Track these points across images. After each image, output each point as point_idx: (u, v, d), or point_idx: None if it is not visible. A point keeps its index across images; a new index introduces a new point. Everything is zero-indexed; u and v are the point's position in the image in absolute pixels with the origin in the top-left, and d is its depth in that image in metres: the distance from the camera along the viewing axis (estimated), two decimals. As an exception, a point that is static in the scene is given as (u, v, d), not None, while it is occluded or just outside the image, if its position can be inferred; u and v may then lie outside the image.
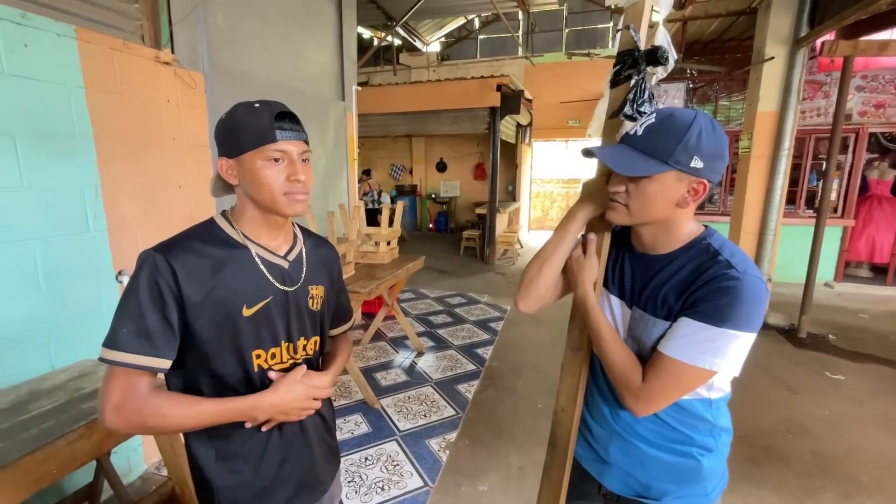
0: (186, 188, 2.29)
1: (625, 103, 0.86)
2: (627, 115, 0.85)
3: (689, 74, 6.50)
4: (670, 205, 0.81)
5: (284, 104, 0.81)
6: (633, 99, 0.85)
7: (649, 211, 0.82)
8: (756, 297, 0.75)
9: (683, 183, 0.79)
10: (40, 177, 1.68)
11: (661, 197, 0.80)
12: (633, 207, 0.82)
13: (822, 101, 5.45)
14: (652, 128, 0.79)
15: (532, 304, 1.01)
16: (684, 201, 0.81)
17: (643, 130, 0.80)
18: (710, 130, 0.78)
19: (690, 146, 0.76)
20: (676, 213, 0.83)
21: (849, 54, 3.45)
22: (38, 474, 1.11)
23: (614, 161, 0.81)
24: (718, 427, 0.90)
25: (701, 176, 0.78)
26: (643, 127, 0.80)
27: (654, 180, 0.79)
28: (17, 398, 1.37)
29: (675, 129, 0.77)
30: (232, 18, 2.63)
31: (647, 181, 0.79)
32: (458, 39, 10.53)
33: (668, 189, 0.79)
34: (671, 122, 0.78)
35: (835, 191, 5.32)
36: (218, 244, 0.83)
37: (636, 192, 0.81)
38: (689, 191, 0.80)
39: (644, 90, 0.86)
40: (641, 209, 0.82)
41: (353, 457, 2.29)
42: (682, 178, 0.79)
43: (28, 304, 1.68)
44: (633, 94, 0.86)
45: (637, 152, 0.80)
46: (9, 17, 1.56)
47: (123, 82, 1.96)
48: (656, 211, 0.82)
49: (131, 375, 0.74)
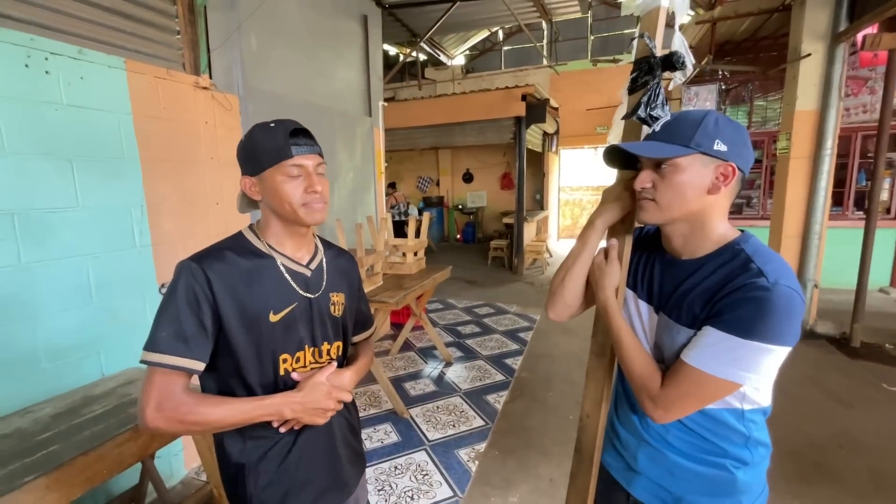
0: (223, 204, 2.41)
1: (639, 106, 0.87)
2: (641, 117, 0.86)
3: (721, 76, 6.31)
4: (700, 193, 0.80)
5: (298, 122, 0.87)
6: (647, 102, 0.86)
7: (679, 202, 0.80)
8: (787, 309, 0.71)
9: (710, 168, 0.79)
10: (93, 197, 1.82)
11: (689, 184, 0.79)
12: (663, 200, 0.81)
13: (867, 97, 5.16)
14: (668, 123, 0.83)
15: (561, 312, 1.02)
16: (715, 187, 0.79)
17: (661, 127, 0.83)
18: (726, 120, 0.80)
19: (709, 130, 0.77)
20: (708, 204, 0.81)
21: (893, 47, 3.27)
22: (90, 473, 1.19)
23: (637, 148, 0.82)
24: (754, 439, 0.85)
25: (728, 159, 0.78)
26: (660, 125, 0.83)
27: (680, 168, 0.78)
28: (72, 403, 1.47)
29: (691, 118, 0.80)
30: (264, 43, 2.78)
31: (672, 170, 0.79)
32: (482, 52, 10.64)
33: (695, 176, 0.79)
34: (685, 115, 0.82)
35: (886, 190, 5.01)
36: (246, 255, 0.88)
37: (663, 185, 0.80)
38: (718, 176, 0.79)
39: (658, 94, 0.86)
40: (671, 201, 0.80)
41: (383, 465, 2.31)
42: (707, 164, 0.78)
43: (82, 315, 1.80)
44: (647, 97, 0.86)
45: (658, 141, 0.82)
46: (67, 53, 1.71)
47: (166, 107, 2.10)
48: (687, 201, 0.80)
49: (169, 376, 0.79)
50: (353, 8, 3.79)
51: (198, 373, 0.82)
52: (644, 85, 0.89)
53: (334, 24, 3.57)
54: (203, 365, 0.82)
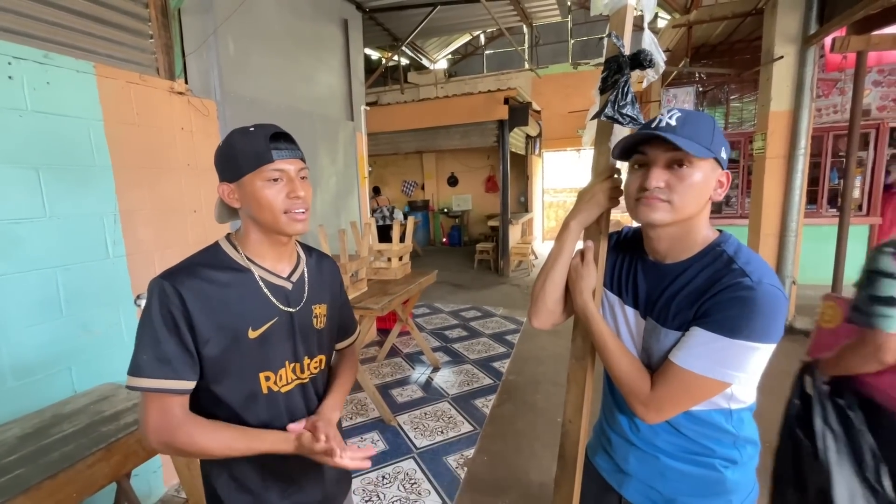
0: (201, 212, 2.35)
1: (606, 104, 0.86)
2: (609, 115, 0.86)
3: (699, 78, 6.45)
4: (706, 197, 0.80)
5: (279, 126, 0.83)
6: (615, 100, 0.86)
7: (692, 203, 0.78)
8: (772, 307, 0.72)
9: (716, 174, 0.79)
10: (62, 206, 1.75)
11: (702, 187, 0.78)
12: (678, 201, 0.78)
13: (837, 98, 5.33)
14: (683, 119, 0.77)
15: (544, 319, 1.00)
16: (716, 194, 0.80)
17: (675, 121, 0.77)
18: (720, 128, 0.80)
19: (718, 138, 0.78)
20: (703, 210, 0.82)
21: (861, 49, 3.37)
22: (60, 497, 1.13)
23: (679, 140, 0.74)
24: (742, 438, 0.86)
25: (726, 168, 0.79)
26: (673, 118, 0.77)
27: (698, 169, 0.77)
28: (40, 423, 1.40)
29: (704, 120, 0.78)
30: (242, 47, 2.73)
31: (689, 170, 0.77)
32: (464, 56, 10.70)
33: (708, 179, 0.78)
34: (698, 115, 0.79)
35: (858, 188, 5.16)
36: (222, 269, 0.84)
37: (680, 185, 0.77)
38: (718, 182, 0.80)
39: (627, 93, 0.86)
40: (686, 202, 0.78)
41: (371, 475, 2.27)
42: (715, 169, 0.79)
43: (50, 329, 1.73)
44: (614, 95, 0.86)
45: (685, 138, 0.75)
46: (32, 58, 1.65)
47: (140, 113, 2.04)
48: (698, 203, 0.79)
49: (163, 399, 0.77)
50: (333, 12, 3.76)
51: (188, 392, 0.79)
52: (614, 84, 0.90)
53: (315, 28, 3.53)
54: (192, 384, 0.79)
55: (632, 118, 0.87)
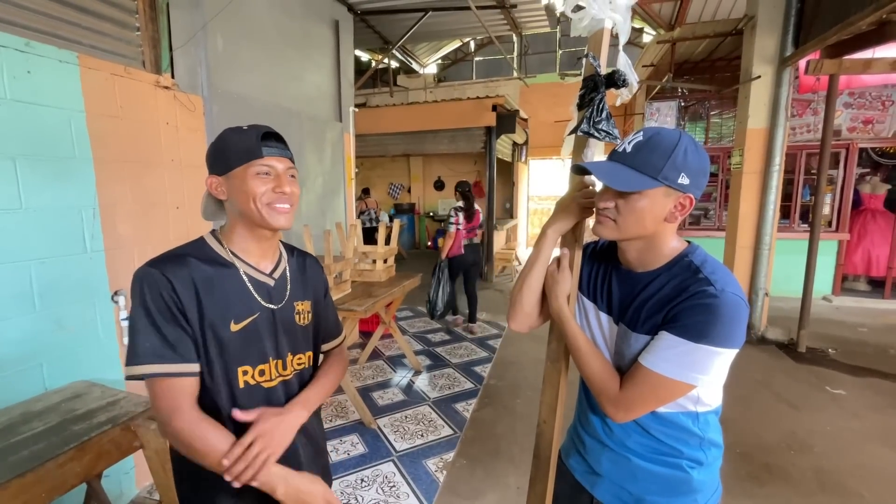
0: (184, 208, 2.31)
1: (583, 120, 0.90)
2: (584, 131, 0.90)
3: (681, 93, 6.64)
4: (658, 220, 0.83)
5: (271, 126, 0.86)
6: (590, 117, 0.90)
7: (638, 226, 0.83)
8: (734, 314, 0.77)
9: (671, 198, 0.81)
10: (39, 198, 1.70)
11: (650, 212, 0.82)
12: (623, 223, 0.84)
13: (811, 118, 5.55)
14: (640, 145, 0.81)
15: (521, 322, 1.04)
16: (672, 216, 0.83)
17: (632, 147, 0.82)
18: (694, 149, 0.81)
19: (678, 163, 0.79)
20: (662, 228, 0.85)
21: (833, 72, 3.54)
22: (27, 497, 1.09)
23: (608, 176, 0.82)
24: (707, 440, 0.90)
25: (687, 192, 0.81)
26: (631, 144, 0.82)
27: (644, 196, 0.81)
28: (9, 420, 1.36)
29: (663, 147, 0.79)
30: (231, 43, 2.71)
31: (636, 197, 0.81)
32: (454, 61, 10.76)
33: (656, 204, 0.81)
34: (658, 140, 0.80)
35: (828, 205, 5.37)
36: (207, 261, 0.85)
37: (626, 208, 0.82)
38: (677, 206, 0.82)
39: (602, 109, 0.91)
40: (631, 224, 0.83)
41: (349, 478, 2.25)
42: (669, 194, 0.81)
43: (22, 324, 1.68)
44: (590, 112, 0.91)
45: (628, 168, 0.81)
46: (13, 46, 1.61)
47: (124, 106, 2.00)
48: (645, 226, 0.83)
49: (171, 384, 0.77)
50: (324, 12, 3.75)
51: (195, 374, 0.80)
52: (591, 101, 0.94)
53: (305, 27, 3.52)
54: (197, 366, 0.80)
55: (607, 132, 0.92)
